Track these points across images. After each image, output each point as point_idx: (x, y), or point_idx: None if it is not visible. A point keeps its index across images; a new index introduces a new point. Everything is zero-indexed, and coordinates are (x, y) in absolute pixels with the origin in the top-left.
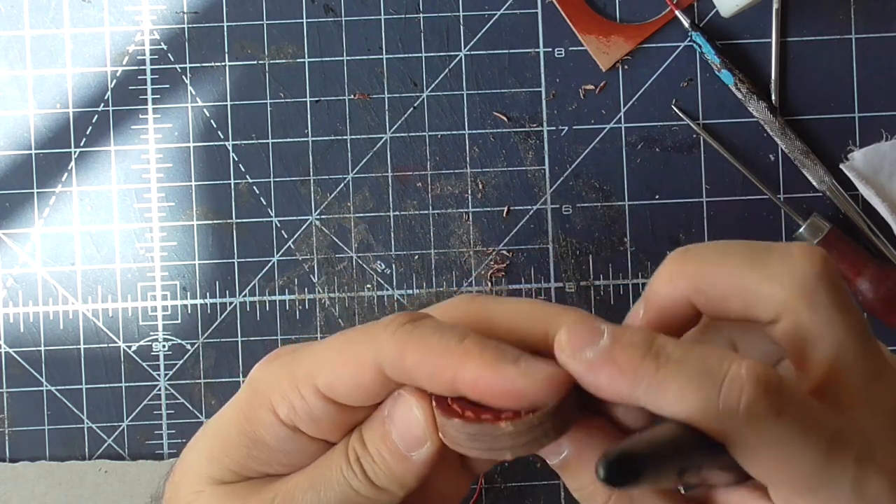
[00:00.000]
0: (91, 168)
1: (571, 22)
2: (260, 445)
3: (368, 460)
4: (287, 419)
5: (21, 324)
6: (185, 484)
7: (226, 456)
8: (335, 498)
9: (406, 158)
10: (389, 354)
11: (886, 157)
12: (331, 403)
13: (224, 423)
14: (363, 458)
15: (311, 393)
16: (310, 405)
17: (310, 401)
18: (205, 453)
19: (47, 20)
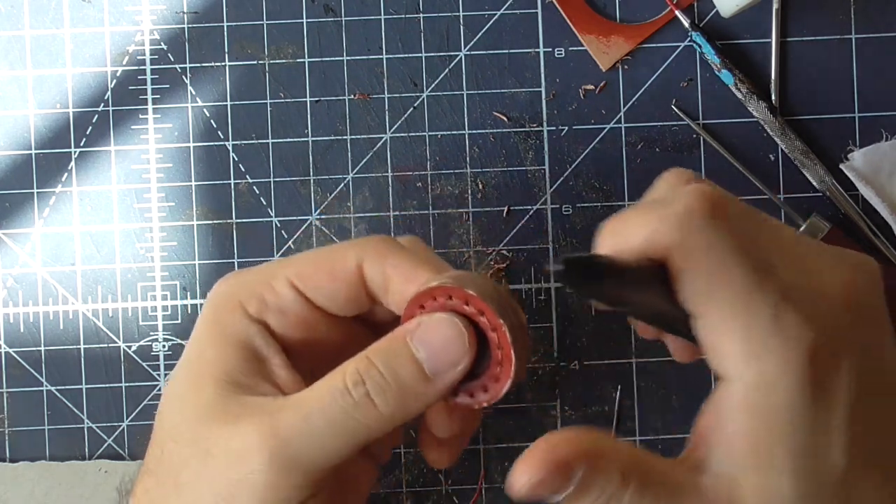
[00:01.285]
0: (91, 168)
1: (571, 22)
2: (236, 352)
3: (377, 380)
4: (256, 313)
5: (21, 324)
6: (168, 412)
7: (205, 373)
8: (329, 425)
9: (406, 158)
10: (373, 251)
11: (886, 157)
12: (301, 297)
13: (196, 343)
14: (370, 379)
15: (284, 285)
16: (280, 297)
17: (281, 291)
18: (183, 378)
19: (47, 20)
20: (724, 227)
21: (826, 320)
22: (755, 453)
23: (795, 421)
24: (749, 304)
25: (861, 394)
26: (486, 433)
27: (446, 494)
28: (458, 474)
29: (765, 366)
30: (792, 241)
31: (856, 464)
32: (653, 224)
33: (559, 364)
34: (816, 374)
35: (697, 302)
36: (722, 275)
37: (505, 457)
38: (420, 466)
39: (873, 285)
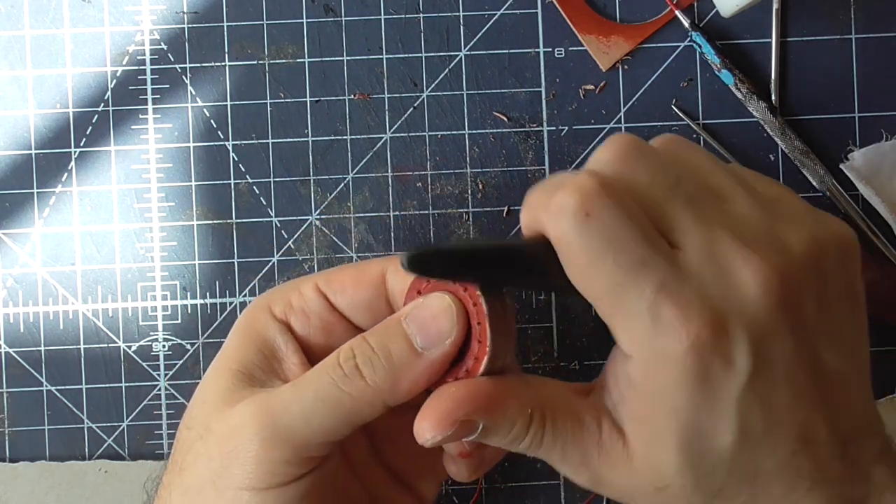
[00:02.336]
0: (91, 168)
1: (571, 22)
2: (255, 347)
3: (368, 354)
4: (281, 314)
5: (21, 324)
6: (191, 403)
7: (224, 365)
8: (317, 397)
9: (406, 158)
10: (397, 262)
11: (886, 157)
12: (324, 300)
13: (225, 341)
14: (361, 353)
15: (309, 288)
16: (305, 299)
17: (306, 295)
18: (207, 372)
19: (47, 20)
20: (592, 226)
21: (727, 297)
22: (641, 423)
23: (678, 405)
24: (621, 301)
25: (767, 368)
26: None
27: (446, 494)
28: None
29: (648, 355)
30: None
31: (752, 439)
32: (536, 213)
33: (559, 364)
34: (700, 363)
35: (581, 290)
36: (593, 272)
37: (505, 457)
38: None
39: (840, 252)
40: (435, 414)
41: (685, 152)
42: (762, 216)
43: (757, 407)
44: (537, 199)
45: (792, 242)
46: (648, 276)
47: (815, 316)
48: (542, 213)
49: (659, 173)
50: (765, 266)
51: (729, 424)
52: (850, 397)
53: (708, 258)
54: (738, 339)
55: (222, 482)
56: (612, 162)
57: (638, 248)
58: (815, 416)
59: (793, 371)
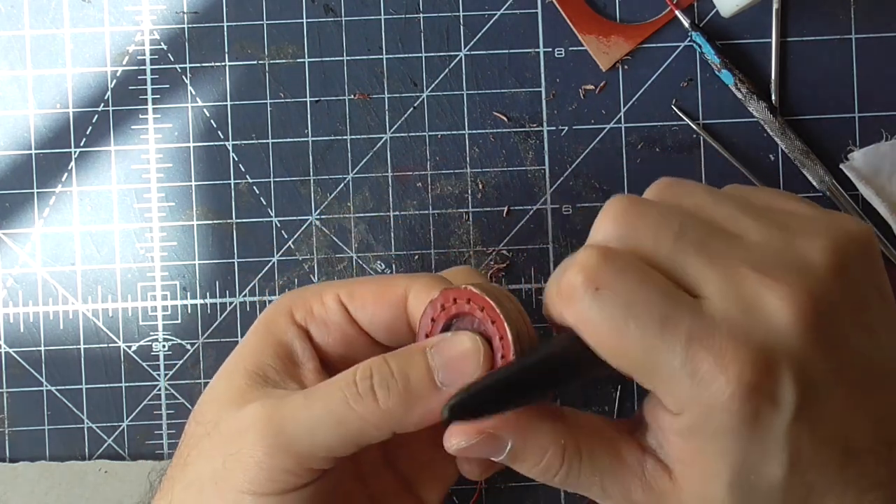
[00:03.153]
0: (91, 168)
1: (571, 22)
2: (272, 349)
3: (386, 377)
4: (301, 320)
5: (21, 324)
6: (201, 398)
7: (239, 364)
8: (326, 411)
9: (406, 158)
10: (420, 283)
11: (886, 157)
12: (346, 313)
13: (242, 340)
14: (379, 374)
15: (332, 299)
16: (327, 309)
17: (328, 305)
18: (221, 369)
19: (47, 20)
20: (605, 297)
21: (762, 333)
22: (690, 464)
23: (728, 447)
24: (655, 364)
25: (812, 395)
26: None
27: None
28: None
29: (694, 408)
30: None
31: (803, 465)
32: (554, 306)
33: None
34: (747, 406)
35: (617, 366)
36: (620, 343)
37: None
38: None
39: (862, 252)
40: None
41: (682, 195)
42: (776, 238)
43: (805, 435)
44: (550, 290)
45: (813, 258)
46: (675, 332)
47: (850, 323)
48: (557, 303)
49: (661, 227)
50: (792, 291)
51: (779, 458)
52: (892, 397)
53: (733, 298)
54: (782, 374)
55: (224, 483)
56: (611, 230)
57: (657, 307)
58: (861, 425)
59: (837, 387)
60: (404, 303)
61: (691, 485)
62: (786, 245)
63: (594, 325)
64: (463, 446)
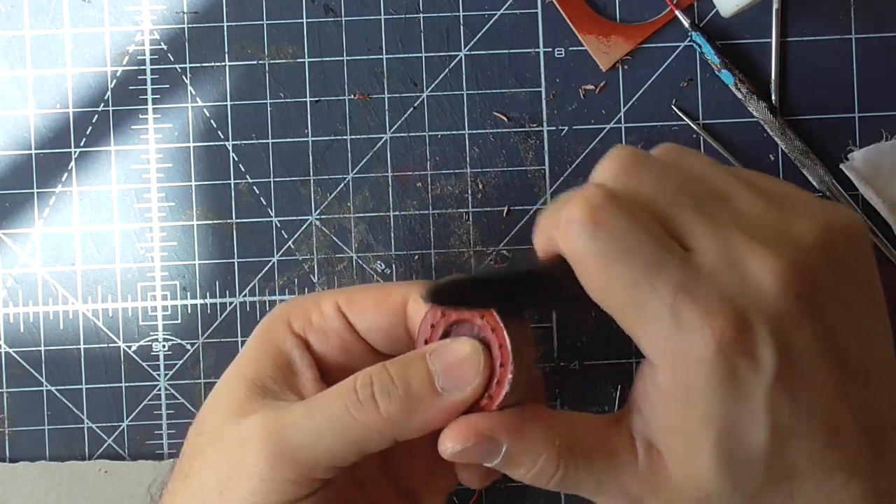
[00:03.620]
0: (91, 168)
1: (571, 22)
2: (271, 359)
3: (386, 384)
4: (299, 329)
5: (21, 324)
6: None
7: (239, 374)
8: (328, 420)
9: (406, 158)
10: (418, 290)
11: (886, 157)
12: (344, 321)
13: (242, 350)
14: (380, 382)
15: (330, 307)
16: (325, 317)
17: (326, 313)
18: (220, 380)
19: (47, 20)
20: (602, 233)
21: (744, 293)
22: (676, 433)
23: (709, 408)
24: (642, 306)
25: (792, 362)
26: None
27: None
28: None
29: (674, 359)
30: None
31: (783, 435)
32: (547, 232)
33: (559, 364)
34: (727, 362)
35: (600, 302)
36: (609, 280)
37: None
38: None
39: (850, 240)
40: (458, 426)
41: (686, 159)
42: (770, 211)
43: (786, 402)
44: (546, 219)
45: (802, 234)
46: (665, 278)
47: (833, 303)
48: (552, 231)
49: (663, 180)
50: (778, 259)
51: (761, 422)
52: (875, 386)
53: (721, 257)
54: (761, 335)
55: (227, 493)
56: (615, 174)
57: (651, 251)
58: (842, 407)
59: (816, 362)
60: (403, 309)
61: (678, 458)
62: (778, 219)
63: (588, 259)
64: (458, 450)
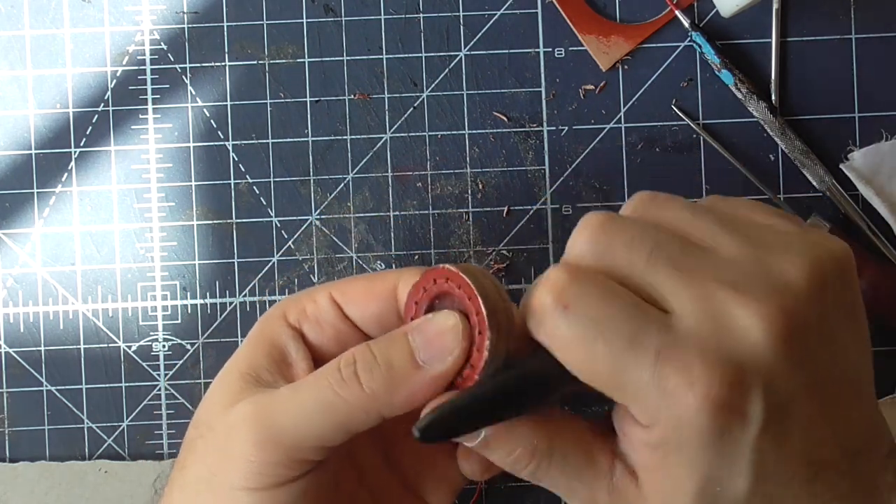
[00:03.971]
0: (91, 168)
1: (571, 22)
2: (265, 350)
3: (368, 361)
4: (294, 321)
5: (21, 324)
6: (200, 404)
7: (234, 367)
8: (313, 400)
9: (406, 158)
10: (409, 275)
11: (886, 157)
12: (338, 311)
13: (242, 345)
14: (362, 359)
15: (324, 298)
16: (319, 308)
17: (320, 304)
18: (218, 375)
19: (47, 20)
20: (573, 315)
21: (732, 349)
22: (657, 473)
23: (696, 459)
24: (626, 379)
25: (781, 411)
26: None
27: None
28: None
29: (663, 421)
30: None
31: (767, 478)
32: (528, 323)
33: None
34: (714, 421)
35: (585, 381)
36: (589, 360)
37: None
38: None
39: (840, 272)
40: (437, 398)
41: (658, 210)
42: (752, 255)
43: (771, 449)
44: (522, 307)
45: (790, 276)
46: (643, 348)
47: (822, 342)
48: (529, 321)
49: (635, 245)
50: (764, 308)
51: (745, 471)
52: (855, 411)
53: (703, 314)
54: (750, 389)
55: (218, 481)
56: (585, 246)
57: (626, 324)
58: (828, 439)
59: (804, 405)
60: (394, 295)
61: (656, 493)
62: (762, 262)
63: (564, 343)
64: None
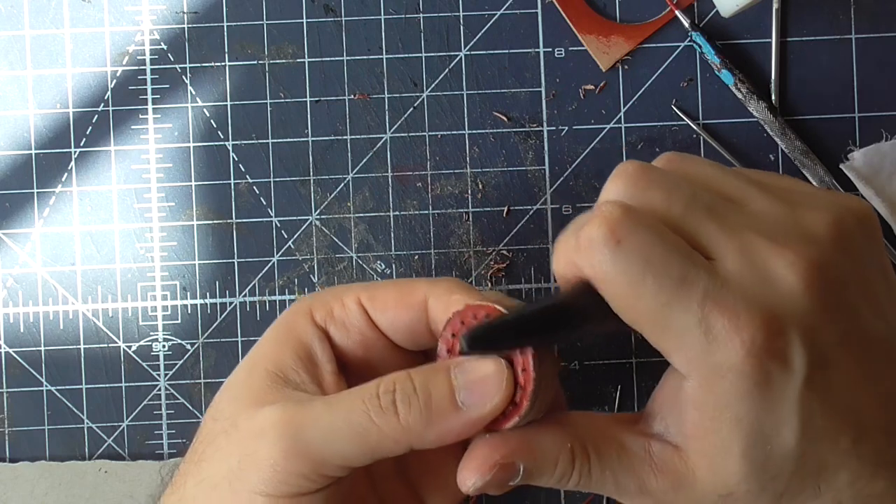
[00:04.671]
0: (91, 168)
1: (571, 22)
2: (292, 349)
3: (408, 392)
4: (321, 321)
5: (21, 324)
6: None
7: (259, 363)
8: (346, 422)
9: (406, 158)
10: (441, 287)
11: (886, 157)
12: (366, 316)
13: (261, 340)
14: (402, 389)
15: (352, 301)
16: (347, 311)
17: (349, 307)
18: (240, 368)
19: (47, 20)
20: (625, 251)
21: (772, 297)
22: (704, 439)
23: (741, 412)
24: (671, 321)
25: (822, 361)
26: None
27: None
28: None
29: (706, 370)
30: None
31: (815, 435)
32: (568, 257)
33: (559, 364)
34: (759, 368)
35: (628, 321)
36: (636, 298)
37: None
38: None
39: (862, 226)
40: (474, 460)
41: (691, 166)
42: (782, 209)
43: (817, 402)
44: (565, 243)
45: (817, 228)
46: (692, 290)
47: (856, 293)
48: (573, 255)
49: (673, 191)
50: (800, 259)
51: (791, 425)
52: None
53: (744, 262)
54: (791, 337)
55: (238, 483)
56: (625, 190)
57: (676, 264)
58: (871, 399)
59: (845, 357)
60: (424, 306)
61: (704, 460)
62: (790, 216)
63: (612, 279)
64: (479, 485)
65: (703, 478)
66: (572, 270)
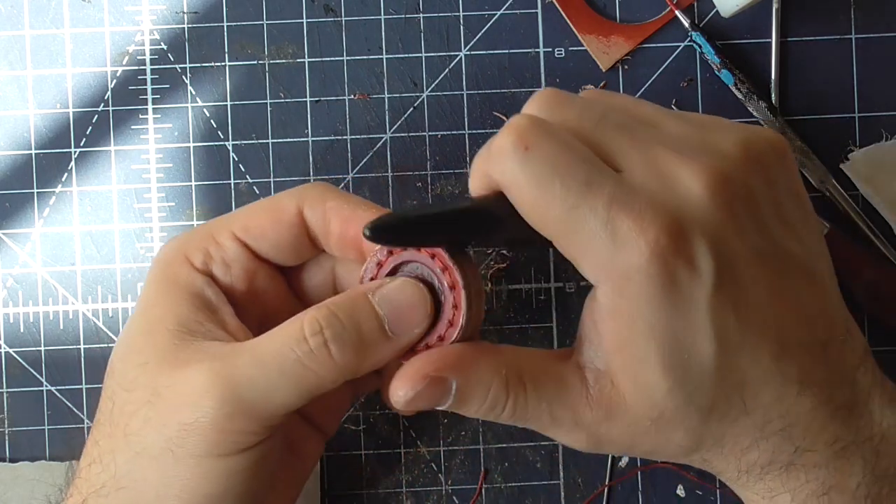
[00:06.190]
0: (91, 168)
1: (571, 22)
2: (187, 302)
3: (337, 330)
4: (202, 265)
5: (21, 324)
6: (120, 363)
7: (158, 323)
8: (280, 372)
9: (406, 158)
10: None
11: (886, 157)
12: (244, 248)
13: (146, 297)
14: (330, 328)
15: (227, 238)
16: (224, 248)
17: (224, 244)
18: (136, 330)
19: (47, 20)
20: (533, 157)
21: (677, 204)
22: (623, 351)
23: (653, 320)
24: (578, 225)
25: (731, 271)
26: (486, 434)
27: (446, 494)
28: (459, 474)
29: (614, 273)
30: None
31: (732, 346)
32: (481, 170)
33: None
34: (665, 269)
35: (537, 227)
36: (544, 203)
37: (505, 457)
38: (420, 466)
39: (774, 151)
40: (407, 373)
41: (608, 96)
42: (693, 130)
43: (730, 311)
44: (480, 157)
45: (725, 146)
46: (598, 193)
47: (766, 213)
48: (485, 165)
49: (586, 110)
50: (705, 168)
51: (706, 332)
52: (820, 299)
53: (651, 172)
54: (696, 240)
55: (181, 450)
56: (538, 109)
57: (582, 169)
58: (790, 317)
59: (757, 269)
60: (300, 219)
61: (628, 378)
62: (701, 136)
63: (520, 183)
64: (410, 396)
65: (632, 402)
66: (486, 182)
